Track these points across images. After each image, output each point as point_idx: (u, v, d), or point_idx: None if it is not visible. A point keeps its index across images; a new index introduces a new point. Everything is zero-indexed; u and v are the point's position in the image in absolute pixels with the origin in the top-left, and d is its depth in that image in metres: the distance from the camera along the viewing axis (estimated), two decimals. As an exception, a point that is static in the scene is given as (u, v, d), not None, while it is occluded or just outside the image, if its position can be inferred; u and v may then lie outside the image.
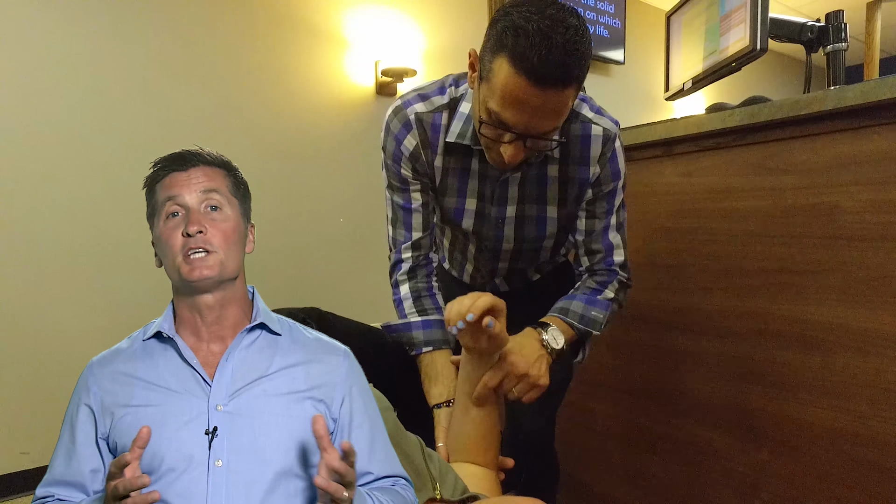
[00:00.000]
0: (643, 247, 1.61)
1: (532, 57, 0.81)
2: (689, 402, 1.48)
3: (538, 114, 0.87)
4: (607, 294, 1.15)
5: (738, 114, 1.32)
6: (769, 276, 1.30)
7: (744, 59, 1.39)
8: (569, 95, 0.87)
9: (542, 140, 0.93)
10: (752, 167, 1.34)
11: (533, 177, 1.09)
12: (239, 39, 2.54)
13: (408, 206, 1.12)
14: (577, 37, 0.84)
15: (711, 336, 1.43)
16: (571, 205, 1.13)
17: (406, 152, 1.09)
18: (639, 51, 4.12)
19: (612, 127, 1.09)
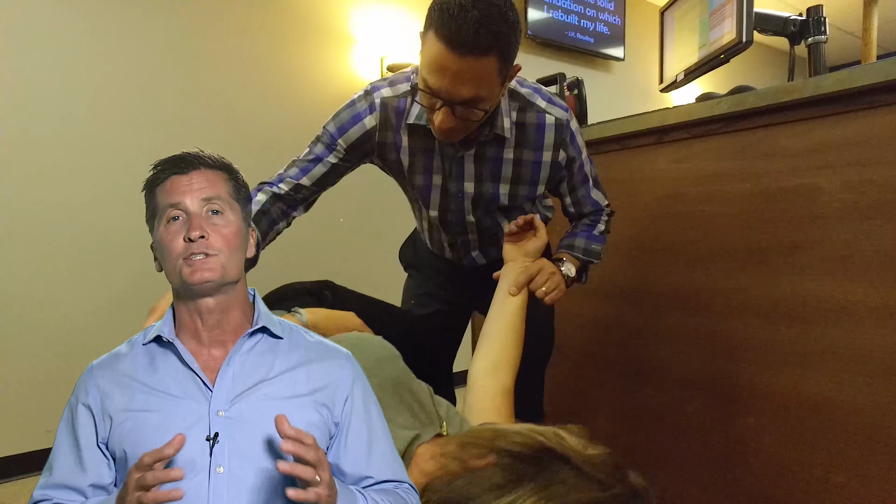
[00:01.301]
0: (635, 233, 1.70)
1: (450, 26, 0.93)
2: (676, 377, 1.56)
3: (457, 79, 0.97)
4: (600, 227, 1.38)
5: (725, 102, 1.40)
6: (752, 255, 1.38)
7: (731, 52, 1.47)
8: (487, 65, 0.96)
9: (470, 109, 1.02)
10: (738, 152, 1.42)
11: (490, 158, 1.21)
12: (247, 37, 2.63)
13: (320, 156, 1.21)
14: (495, 11, 0.94)
15: (699, 314, 1.51)
16: (522, 186, 1.25)
17: (363, 130, 1.18)
18: (638, 47, 4.19)
19: (564, 114, 1.20)
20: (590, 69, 3.97)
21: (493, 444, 0.58)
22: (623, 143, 1.75)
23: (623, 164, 1.75)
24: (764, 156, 1.36)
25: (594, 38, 3.90)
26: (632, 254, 1.71)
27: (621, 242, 1.75)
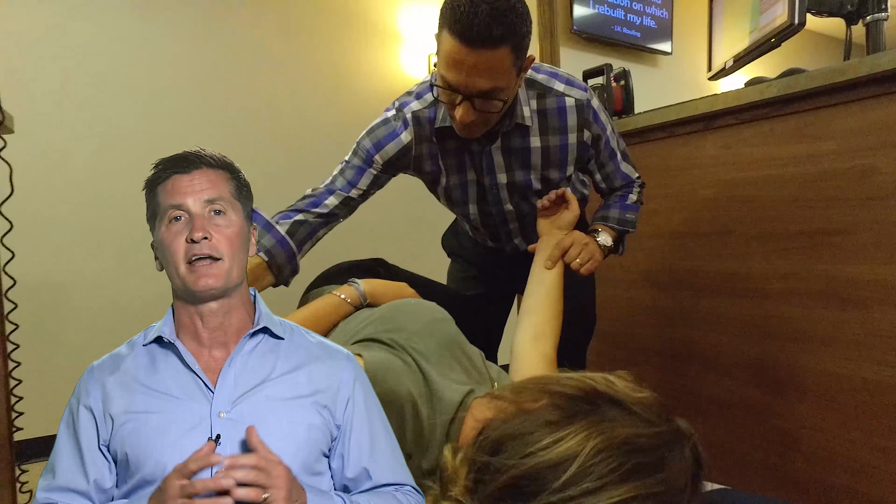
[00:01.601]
0: (684, 218, 1.69)
1: (462, 22, 0.97)
2: (727, 362, 1.55)
3: (474, 72, 1.01)
4: (632, 197, 1.39)
5: (775, 85, 1.39)
6: (807, 237, 1.36)
7: (783, 35, 1.45)
8: (500, 56, 1.00)
9: (488, 101, 1.05)
10: (790, 135, 1.40)
11: (517, 148, 1.24)
12: (299, 36, 2.74)
13: (361, 168, 1.25)
14: (504, 4, 0.97)
15: (753, 298, 1.49)
16: (553, 170, 1.28)
17: (399, 146, 1.23)
18: (686, 41, 4.12)
19: (583, 94, 1.22)
20: (636, 64, 3.92)
21: (546, 388, 0.61)
22: (670, 131, 1.75)
23: (670, 151, 1.74)
24: (817, 138, 1.34)
25: (641, 32, 3.87)
26: (680, 239, 1.71)
27: (669, 228, 1.75)
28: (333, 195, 1.26)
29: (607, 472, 0.53)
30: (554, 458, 0.54)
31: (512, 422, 0.58)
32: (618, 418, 0.57)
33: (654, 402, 0.60)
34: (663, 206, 1.75)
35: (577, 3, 3.60)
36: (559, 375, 0.63)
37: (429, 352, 0.86)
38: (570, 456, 0.54)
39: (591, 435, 0.54)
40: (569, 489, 0.52)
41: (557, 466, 0.53)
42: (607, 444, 0.54)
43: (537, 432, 0.56)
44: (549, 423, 0.57)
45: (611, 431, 0.55)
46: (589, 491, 0.52)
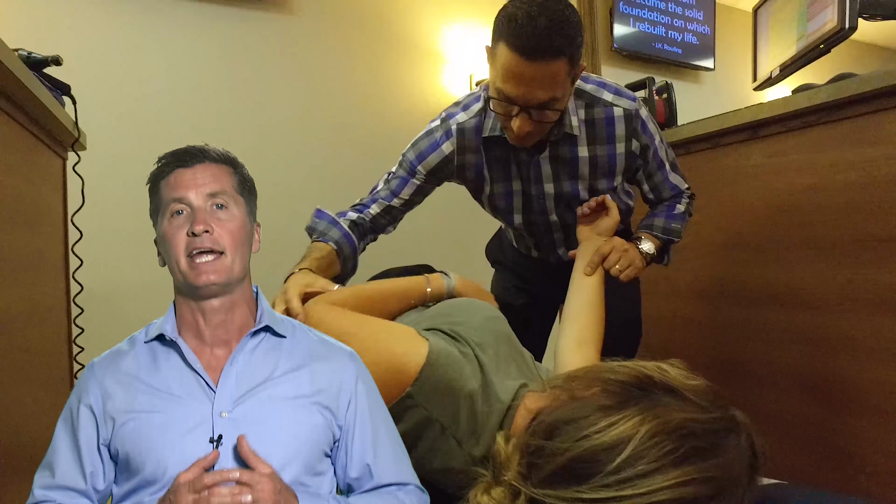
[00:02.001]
0: (731, 228, 1.67)
1: (521, 35, 0.98)
2: (781, 375, 1.50)
3: (532, 84, 1.02)
4: (679, 208, 1.36)
5: (824, 91, 1.37)
6: (861, 245, 1.32)
7: (832, 40, 1.44)
8: (558, 68, 1.01)
9: (544, 111, 1.06)
10: (841, 142, 1.37)
11: (565, 157, 1.24)
12: (346, 57, 2.85)
13: (404, 179, 1.30)
14: (559, 17, 0.99)
15: (805, 308, 1.45)
16: (601, 179, 1.28)
17: (441, 156, 1.26)
18: (729, 57, 4.07)
19: (632, 104, 1.21)
20: (678, 80, 3.89)
21: (598, 376, 0.62)
22: (715, 142, 1.73)
23: (715, 162, 1.73)
24: (870, 143, 1.31)
25: (682, 48, 3.85)
26: (728, 250, 1.68)
27: (715, 239, 1.72)
28: (376, 203, 1.31)
29: (662, 455, 0.53)
30: (608, 441, 0.54)
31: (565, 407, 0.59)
32: (671, 404, 0.57)
33: (707, 390, 0.60)
34: (708, 217, 1.73)
35: (618, 22, 3.62)
36: (611, 364, 0.63)
37: (487, 345, 0.87)
38: (624, 439, 0.54)
39: (645, 419, 0.55)
40: (623, 471, 0.53)
41: (612, 449, 0.54)
42: (661, 427, 0.54)
43: (591, 416, 0.56)
44: (603, 407, 0.57)
45: (665, 416, 0.55)
46: (644, 473, 0.53)
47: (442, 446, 0.78)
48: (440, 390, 0.78)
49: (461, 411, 0.78)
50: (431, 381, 0.78)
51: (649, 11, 3.71)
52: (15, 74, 1.04)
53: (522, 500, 0.57)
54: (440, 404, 0.77)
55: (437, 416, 0.77)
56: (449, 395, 0.78)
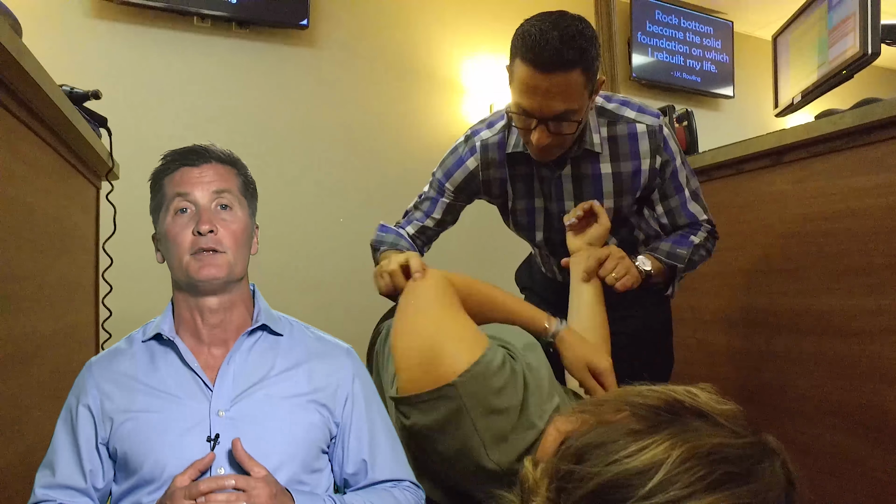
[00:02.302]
0: (757, 254, 1.64)
1: (534, 49, 1.02)
2: (818, 406, 1.46)
3: (548, 96, 1.04)
4: (693, 239, 1.28)
5: (849, 116, 1.36)
6: (891, 270, 1.29)
7: (855, 66, 1.44)
8: (572, 79, 1.03)
9: (562, 122, 1.08)
10: (868, 166, 1.36)
11: (588, 175, 1.24)
12: (369, 89, 2.93)
13: (434, 199, 1.34)
14: (572, 30, 1.02)
15: (836, 337, 1.41)
16: (626, 196, 1.26)
17: (466, 172, 1.29)
18: (749, 84, 4.08)
19: (655, 121, 1.21)
20: (698, 108, 3.90)
21: (627, 400, 0.61)
22: (737, 168, 1.72)
23: (738, 188, 1.72)
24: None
25: (701, 76, 3.86)
26: (752, 276, 1.66)
27: (739, 265, 1.70)
28: (411, 225, 1.36)
29: (695, 480, 0.52)
30: (639, 466, 0.53)
31: (594, 431, 0.58)
32: (703, 428, 0.56)
33: (739, 415, 0.58)
34: (732, 244, 1.71)
35: (636, 52, 3.66)
36: (640, 388, 0.62)
37: (534, 368, 0.85)
38: (655, 463, 0.53)
39: (675, 444, 0.54)
40: (655, 496, 0.52)
41: (643, 474, 0.53)
42: (693, 452, 0.53)
43: (621, 440, 0.55)
44: (633, 431, 0.56)
45: (696, 440, 0.54)
46: (676, 499, 0.51)
47: (466, 444, 0.77)
48: (482, 392, 0.77)
49: (495, 418, 0.77)
50: (478, 380, 0.77)
51: (667, 41, 3.75)
52: (60, 108, 1.09)
53: None
54: (478, 404, 0.76)
55: (472, 414, 0.75)
56: (489, 399, 0.77)
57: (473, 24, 3.11)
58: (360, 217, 2.80)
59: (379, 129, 2.93)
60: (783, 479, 0.56)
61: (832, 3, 1.54)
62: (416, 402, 0.79)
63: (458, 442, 0.78)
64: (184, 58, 2.59)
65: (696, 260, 1.29)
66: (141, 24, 2.53)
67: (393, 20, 3.00)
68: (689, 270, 1.30)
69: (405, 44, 3.01)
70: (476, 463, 0.77)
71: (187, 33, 2.61)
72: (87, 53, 2.39)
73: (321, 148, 2.82)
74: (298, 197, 2.77)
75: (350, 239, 2.79)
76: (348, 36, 2.91)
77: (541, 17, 1.06)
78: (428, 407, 0.78)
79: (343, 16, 2.91)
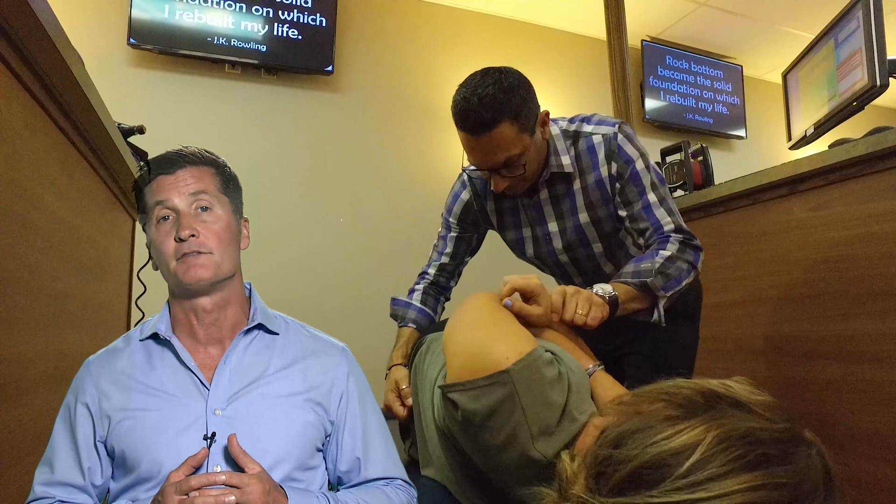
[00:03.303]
0: (777, 282, 1.65)
1: (460, 116, 1.12)
2: (847, 432, 1.43)
3: (486, 152, 1.14)
4: (663, 252, 1.17)
5: (862, 144, 1.40)
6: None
7: (864, 97, 1.48)
8: (502, 132, 1.11)
9: (512, 168, 1.16)
10: (884, 192, 1.38)
11: (562, 195, 1.30)
12: (391, 131, 3.05)
13: (444, 236, 1.45)
14: (490, 89, 1.10)
15: (863, 362, 1.41)
16: (600, 208, 1.29)
17: (462, 204, 1.41)
18: (760, 125, 4.15)
19: (610, 129, 1.25)
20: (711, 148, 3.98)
21: (663, 391, 0.62)
22: (754, 198, 1.76)
23: (755, 217, 1.74)
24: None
25: (713, 118, 3.95)
26: (773, 304, 1.66)
27: (759, 293, 1.70)
28: (432, 266, 1.46)
29: (731, 460, 0.53)
30: (676, 447, 0.55)
31: (632, 420, 0.60)
32: (738, 415, 0.57)
33: (774, 405, 0.60)
34: (751, 272, 1.72)
35: (649, 96, 3.76)
36: (676, 382, 0.64)
37: (573, 373, 0.87)
38: (691, 445, 0.54)
39: (711, 427, 0.55)
40: (693, 474, 0.53)
41: (680, 454, 0.54)
42: (728, 434, 0.55)
43: (657, 426, 0.57)
44: (670, 417, 0.58)
45: (731, 424, 0.56)
46: (714, 476, 0.52)
47: (514, 432, 0.78)
48: (534, 382, 0.79)
49: (544, 410, 0.78)
50: (531, 370, 0.79)
51: (678, 84, 3.85)
52: (113, 140, 1.17)
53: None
54: (529, 393, 0.77)
55: (523, 402, 0.77)
56: (540, 390, 0.79)
57: (490, 69, 3.26)
58: (384, 254, 2.87)
59: (400, 169, 3.04)
60: (820, 467, 0.57)
61: (838, 41, 1.61)
62: (469, 388, 0.80)
63: (506, 431, 0.79)
64: (217, 100, 2.73)
65: (674, 274, 1.15)
66: (177, 72, 2.68)
67: (413, 64, 3.15)
68: (672, 289, 1.15)
69: (425, 87, 3.15)
70: (522, 452, 0.78)
71: (219, 80, 2.76)
72: (127, 99, 2.54)
73: (345, 186, 2.93)
74: (318, 235, 2.84)
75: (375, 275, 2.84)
76: (370, 81, 3.05)
77: (465, 83, 1.15)
78: (480, 393, 0.79)
79: (366, 62, 3.06)
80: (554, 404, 0.79)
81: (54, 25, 0.78)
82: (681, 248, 1.19)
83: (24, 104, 0.86)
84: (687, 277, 1.18)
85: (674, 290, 1.15)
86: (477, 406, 0.80)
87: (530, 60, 3.37)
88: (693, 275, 1.20)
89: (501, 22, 3.37)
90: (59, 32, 0.80)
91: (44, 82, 0.89)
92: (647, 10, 3.48)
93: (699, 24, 3.69)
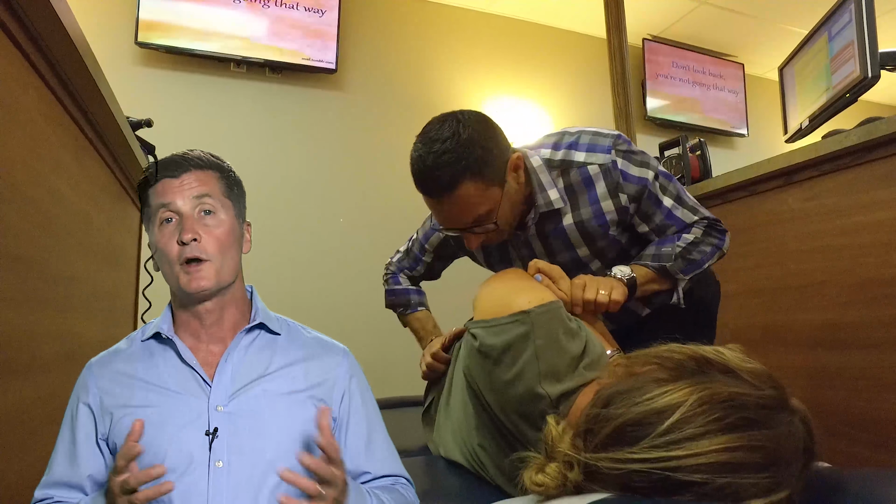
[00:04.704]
0: (772, 272, 1.68)
1: (418, 178, 1.05)
2: (843, 419, 1.45)
3: (450, 214, 1.06)
4: (686, 237, 1.16)
5: (854, 134, 1.42)
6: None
7: (857, 89, 1.51)
8: (463, 192, 1.00)
9: (482, 224, 1.06)
10: (877, 181, 1.41)
11: (553, 230, 1.19)
12: (393, 130, 3.07)
13: (418, 257, 1.45)
14: (444, 147, 1.00)
15: (861, 348, 1.43)
16: (598, 241, 1.19)
17: (439, 238, 1.38)
18: (761, 122, 4.17)
19: (606, 157, 1.12)
20: (713, 146, 4.00)
21: (656, 354, 0.65)
22: (750, 190, 1.78)
23: (751, 208, 1.77)
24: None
25: (714, 116, 3.97)
26: (769, 294, 1.68)
27: (756, 284, 1.73)
28: (402, 272, 1.49)
29: (710, 421, 0.56)
30: (658, 406, 0.58)
31: (623, 381, 0.63)
32: (724, 380, 0.60)
33: (763, 373, 0.62)
34: (748, 263, 1.75)
35: (650, 94, 3.78)
36: (670, 345, 0.67)
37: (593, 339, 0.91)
38: (673, 405, 0.57)
39: (695, 390, 0.58)
40: (671, 433, 0.56)
41: (661, 413, 0.57)
42: (710, 398, 0.57)
43: (645, 387, 0.60)
44: (658, 380, 0.61)
45: (715, 388, 0.58)
46: (691, 436, 0.55)
47: (524, 368, 0.82)
48: (552, 325, 0.83)
49: (556, 355, 0.81)
50: (550, 315, 0.84)
51: (679, 82, 3.88)
52: (122, 132, 1.21)
53: (577, 472, 0.60)
54: (545, 335, 0.81)
55: (537, 342, 0.79)
56: (557, 334, 0.82)
57: (494, 67, 3.28)
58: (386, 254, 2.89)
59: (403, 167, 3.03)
60: (802, 433, 0.60)
61: (832, 34, 1.63)
62: (491, 325, 0.85)
63: (517, 366, 0.82)
64: (224, 98, 2.78)
65: (696, 258, 1.15)
66: (183, 71, 2.73)
67: (416, 64, 3.18)
68: (694, 271, 1.16)
69: (429, 85, 3.18)
70: (529, 388, 0.82)
71: (225, 78, 2.81)
72: (135, 96, 2.58)
73: (347, 184, 2.96)
74: (323, 235, 2.88)
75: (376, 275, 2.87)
76: (373, 79, 3.09)
77: (421, 134, 1.07)
78: (500, 330, 0.84)
79: (369, 61, 3.09)
80: (566, 351, 0.82)
81: (67, 13, 0.82)
82: (706, 232, 1.18)
83: (39, 92, 0.90)
84: (710, 259, 1.18)
85: (694, 272, 1.16)
86: (496, 341, 0.84)
87: (532, 59, 3.40)
88: (717, 256, 1.20)
89: (503, 21, 3.40)
90: (71, 21, 0.84)
91: (57, 72, 0.93)
92: (648, 9, 3.51)
93: (700, 23, 3.71)
